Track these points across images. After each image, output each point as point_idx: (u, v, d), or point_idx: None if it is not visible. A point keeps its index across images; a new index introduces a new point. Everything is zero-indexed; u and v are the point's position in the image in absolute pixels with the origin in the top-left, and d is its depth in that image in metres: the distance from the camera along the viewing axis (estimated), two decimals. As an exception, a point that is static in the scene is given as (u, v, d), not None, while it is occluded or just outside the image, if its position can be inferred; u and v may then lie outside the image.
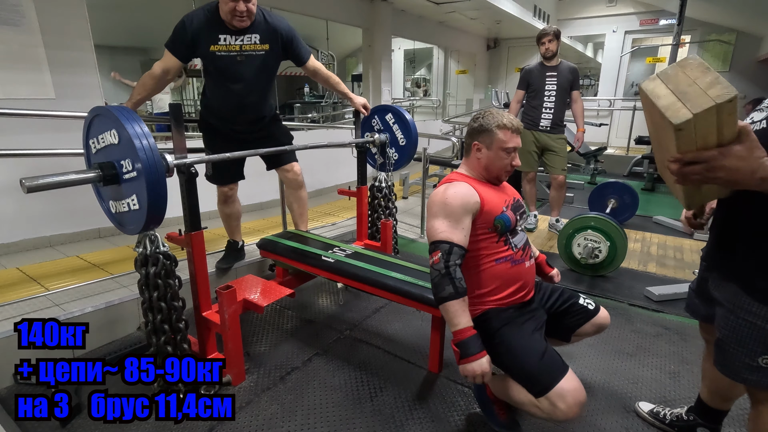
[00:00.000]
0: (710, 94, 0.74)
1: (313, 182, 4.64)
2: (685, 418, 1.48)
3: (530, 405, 1.28)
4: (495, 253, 1.39)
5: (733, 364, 1.06)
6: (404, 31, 7.35)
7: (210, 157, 1.81)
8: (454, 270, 1.28)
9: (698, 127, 0.76)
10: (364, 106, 2.46)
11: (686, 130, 0.77)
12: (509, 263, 1.40)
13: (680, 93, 0.77)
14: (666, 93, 0.78)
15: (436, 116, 9.64)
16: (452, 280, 1.27)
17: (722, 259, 1.08)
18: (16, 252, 2.71)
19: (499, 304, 1.40)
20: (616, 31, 8.66)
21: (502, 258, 1.40)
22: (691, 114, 0.75)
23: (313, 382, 1.80)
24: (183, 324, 1.64)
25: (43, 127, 2.65)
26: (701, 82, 0.76)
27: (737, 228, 1.03)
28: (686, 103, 0.76)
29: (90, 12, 2.82)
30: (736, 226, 1.03)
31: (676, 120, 0.76)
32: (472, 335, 1.26)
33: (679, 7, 4.52)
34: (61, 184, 1.32)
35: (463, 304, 1.28)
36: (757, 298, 0.99)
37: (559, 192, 3.61)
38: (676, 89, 0.77)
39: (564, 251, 2.93)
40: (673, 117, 0.76)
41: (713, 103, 0.74)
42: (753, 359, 1.02)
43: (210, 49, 2.01)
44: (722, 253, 1.08)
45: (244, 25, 1.98)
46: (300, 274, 2.22)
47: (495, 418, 1.51)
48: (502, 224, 1.37)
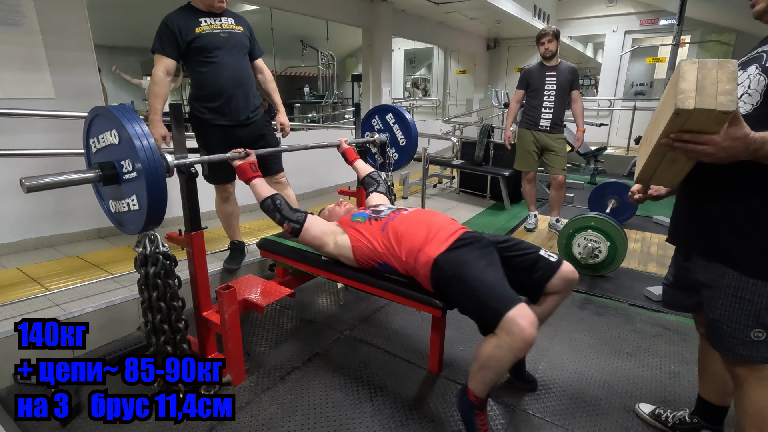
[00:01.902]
0: (719, 99, 0.82)
1: (313, 182, 4.65)
2: (688, 421, 1.47)
3: (493, 352, 1.30)
4: (378, 226, 1.72)
5: (727, 340, 1.10)
6: (404, 31, 7.35)
7: (210, 157, 1.81)
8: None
9: (692, 117, 0.86)
10: (282, 124, 2.52)
11: (681, 116, 0.87)
12: (395, 221, 1.69)
13: (701, 85, 0.84)
14: (692, 79, 0.85)
15: (436, 116, 9.65)
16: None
17: (701, 241, 1.11)
18: (16, 252, 2.71)
19: (437, 251, 1.53)
20: (616, 31, 8.67)
21: (383, 224, 1.71)
22: (691, 106, 0.84)
23: (313, 382, 1.80)
24: (183, 324, 1.64)
25: (43, 127, 2.65)
26: (723, 86, 0.83)
27: (710, 209, 1.08)
28: (698, 95, 0.84)
29: (90, 12, 2.82)
30: (709, 208, 1.09)
31: (680, 105, 0.84)
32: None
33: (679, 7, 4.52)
34: (61, 184, 1.32)
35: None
36: (740, 270, 1.04)
37: (559, 192, 3.61)
38: (701, 80, 0.84)
39: (564, 251, 2.93)
40: (680, 102, 0.85)
41: (714, 108, 0.83)
42: (746, 334, 1.06)
43: (195, 31, 2.14)
44: (700, 235, 1.12)
45: (223, 6, 2.21)
46: (300, 274, 2.23)
47: (475, 429, 1.45)
48: (360, 218, 1.80)
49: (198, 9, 2.19)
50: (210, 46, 2.17)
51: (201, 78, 2.21)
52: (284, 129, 2.54)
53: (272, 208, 1.75)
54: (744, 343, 1.06)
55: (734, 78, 0.83)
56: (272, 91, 2.54)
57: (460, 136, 6.08)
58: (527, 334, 1.23)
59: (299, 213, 1.78)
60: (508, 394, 1.73)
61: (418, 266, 1.57)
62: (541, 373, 1.86)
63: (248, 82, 2.34)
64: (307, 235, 1.78)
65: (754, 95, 0.99)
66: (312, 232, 1.77)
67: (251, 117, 2.35)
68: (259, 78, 2.48)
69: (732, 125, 0.87)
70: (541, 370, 1.89)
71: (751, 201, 1.01)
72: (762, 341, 1.05)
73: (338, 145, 2.32)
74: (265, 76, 2.51)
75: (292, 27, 9.20)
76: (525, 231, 3.80)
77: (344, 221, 1.85)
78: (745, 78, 1.03)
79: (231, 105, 2.25)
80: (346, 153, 2.31)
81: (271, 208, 1.75)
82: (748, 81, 1.02)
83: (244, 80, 2.30)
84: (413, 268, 1.60)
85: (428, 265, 1.53)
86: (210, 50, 2.17)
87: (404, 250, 1.61)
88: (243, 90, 2.29)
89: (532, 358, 1.96)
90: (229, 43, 2.23)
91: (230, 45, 2.23)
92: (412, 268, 1.61)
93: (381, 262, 1.71)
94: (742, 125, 0.88)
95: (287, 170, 2.61)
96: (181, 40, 2.12)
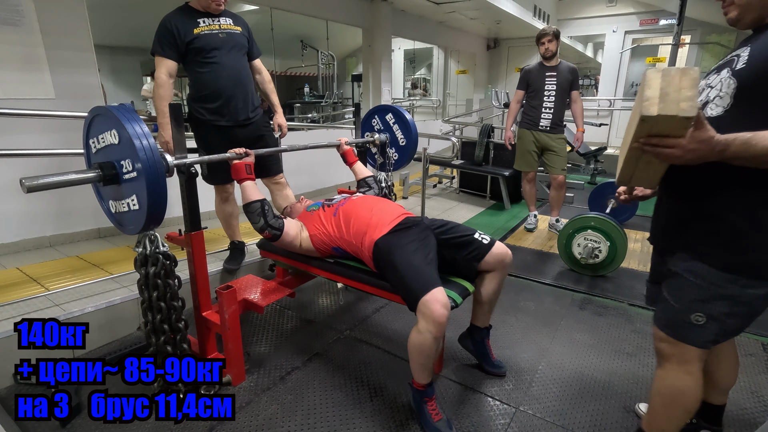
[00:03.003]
0: (681, 105, 0.87)
1: (313, 182, 4.65)
2: (690, 421, 1.47)
3: (416, 337, 1.42)
4: (331, 211, 1.85)
5: (669, 317, 1.17)
6: (404, 31, 7.35)
7: (210, 157, 1.81)
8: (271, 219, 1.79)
9: (658, 122, 0.90)
10: (280, 125, 2.54)
11: (647, 122, 0.91)
12: (345, 205, 1.83)
13: (664, 92, 0.88)
14: (656, 86, 0.89)
15: (436, 116, 9.65)
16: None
17: (675, 236, 1.17)
18: (16, 252, 2.71)
19: (380, 234, 1.66)
20: (616, 31, 8.66)
21: (335, 209, 1.84)
22: (655, 113, 0.88)
23: (313, 382, 1.80)
24: (183, 324, 1.64)
25: (43, 127, 2.65)
26: (685, 92, 0.87)
27: (682, 206, 1.14)
28: (661, 102, 0.88)
29: (90, 12, 2.82)
30: (681, 206, 1.15)
31: (645, 112, 0.89)
32: None
33: (679, 7, 4.52)
34: (61, 184, 1.32)
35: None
36: (705, 260, 1.09)
37: (559, 192, 3.61)
38: (665, 87, 0.88)
39: (564, 251, 2.93)
40: (645, 109, 0.89)
41: (676, 114, 0.87)
42: (688, 315, 1.12)
43: (194, 31, 2.14)
44: (674, 231, 1.17)
45: (220, 8, 2.21)
46: (300, 274, 2.22)
47: (428, 419, 1.52)
48: (315, 206, 1.97)
49: (196, 9, 2.18)
50: (208, 46, 2.17)
51: (200, 78, 2.21)
52: (282, 130, 2.55)
53: (259, 212, 1.75)
54: (683, 324, 1.13)
55: (695, 85, 0.86)
56: (270, 92, 2.54)
57: (460, 136, 6.07)
58: (437, 314, 1.36)
59: (279, 220, 1.81)
60: (508, 395, 1.73)
61: (363, 248, 1.69)
62: (541, 373, 1.86)
63: (247, 82, 2.34)
64: (285, 240, 1.81)
65: (725, 98, 1.03)
66: (288, 237, 1.82)
67: (251, 117, 2.35)
68: (257, 78, 2.49)
69: (697, 129, 0.91)
70: (541, 370, 1.89)
71: (718, 198, 1.06)
72: (700, 326, 1.11)
73: (338, 145, 2.32)
74: (263, 76, 2.51)
75: (292, 27, 9.20)
76: (525, 231, 3.80)
77: (303, 215, 1.97)
78: (717, 81, 1.06)
79: (230, 105, 2.25)
80: (346, 155, 2.31)
81: (258, 211, 1.75)
82: (720, 84, 1.05)
83: (243, 80, 2.30)
84: (360, 250, 1.71)
85: (371, 248, 1.65)
86: (209, 51, 2.17)
87: (352, 233, 1.73)
88: (242, 90, 2.29)
89: (532, 358, 1.96)
90: (227, 43, 2.22)
91: (229, 45, 2.23)
92: (359, 250, 1.72)
93: (335, 246, 1.81)
94: (706, 128, 0.92)
95: (287, 170, 2.61)
96: (180, 40, 2.12)
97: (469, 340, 1.87)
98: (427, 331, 1.39)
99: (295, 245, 1.85)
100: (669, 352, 1.19)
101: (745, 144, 0.92)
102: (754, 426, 1.57)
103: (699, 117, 0.89)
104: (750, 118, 0.98)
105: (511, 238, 3.65)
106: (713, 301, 1.09)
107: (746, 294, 1.06)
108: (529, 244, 3.50)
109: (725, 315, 1.09)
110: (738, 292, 1.06)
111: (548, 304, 2.51)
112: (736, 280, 1.05)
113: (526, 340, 2.12)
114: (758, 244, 1.03)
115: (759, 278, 1.05)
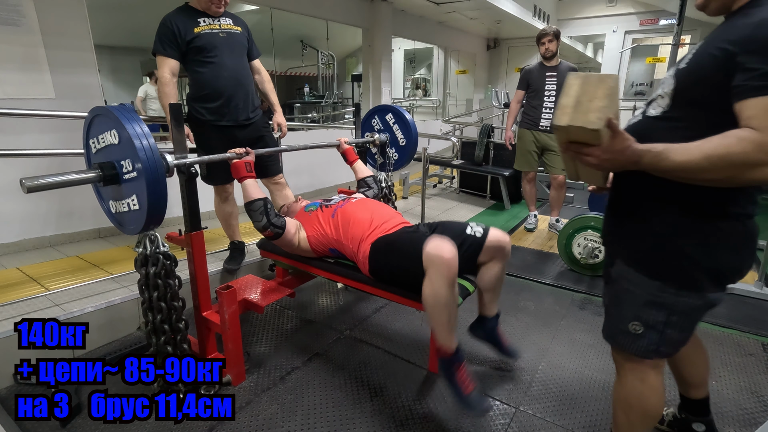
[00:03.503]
0: (589, 116, 0.86)
1: (313, 182, 4.65)
2: (679, 416, 1.50)
3: (430, 290, 1.42)
4: (329, 212, 1.86)
5: (610, 327, 1.16)
6: (404, 31, 7.35)
7: (210, 157, 1.81)
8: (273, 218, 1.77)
9: (570, 132, 0.90)
10: (279, 124, 2.55)
11: (561, 131, 0.91)
12: (344, 207, 1.84)
13: (578, 101, 0.88)
14: (573, 94, 0.89)
15: (436, 116, 9.65)
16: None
17: (614, 241, 1.17)
18: (16, 252, 2.71)
19: (377, 235, 1.70)
20: (616, 31, 8.67)
21: (333, 211, 1.85)
22: (565, 123, 0.89)
23: (313, 382, 1.80)
24: (183, 324, 1.64)
25: (43, 127, 2.65)
26: (596, 102, 0.86)
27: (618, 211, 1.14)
28: (573, 112, 0.88)
29: (90, 12, 2.82)
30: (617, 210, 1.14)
31: (555, 121, 0.90)
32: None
33: (679, 7, 4.52)
34: (61, 184, 1.32)
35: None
36: (633, 265, 1.07)
37: (559, 192, 3.61)
38: (580, 96, 0.88)
39: (564, 251, 2.93)
40: (556, 118, 0.90)
41: (580, 125, 0.87)
42: (625, 325, 1.10)
43: (195, 30, 2.15)
44: (612, 235, 1.18)
45: (220, 11, 2.23)
46: (300, 274, 2.22)
47: (459, 390, 1.45)
48: (313, 207, 1.99)
49: (196, 9, 2.19)
50: (209, 45, 2.17)
51: (200, 78, 2.21)
52: (281, 129, 2.55)
53: (262, 210, 1.75)
54: (623, 333, 1.11)
55: (609, 95, 0.86)
56: (269, 92, 2.54)
57: (460, 136, 6.08)
58: (445, 254, 1.39)
59: (281, 218, 1.81)
60: (508, 395, 1.73)
61: (359, 253, 1.71)
62: (541, 373, 1.86)
63: (248, 82, 2.35)
64: (285, 239, 1.81)
65: (665, 98, 1.00)
66: (289, 235, 1.82)
67: (251, 118, 2.35)
68: (256, 79, 2.49)
69: (614, 138, 0.89)
70: (541, 370, 1.89)
71: (645, 203, 1.04)
72: (639, 335, 1.08)
73: (338, 145, 2.33)
74: (262, 76, 2.52)
75: (292, 27, 9.20)
76: (525, 231, 3.80)
77: (300, 214, 1.99)
78: (666, 79, 1.04)
79: (231, 105, 2.25)
80: (346, 153, 2.32)
81: (261, 210, 1.75)
82: (664, 83, 1.03)
83: (243, 80, 2.30)
84: (356, 254, 1.73)
85: (367, 252, 1.68)
86: (209, 50, 2.17)
87: (350, 236, 1.75)
88: (243, 90, 2.29)
89: (532, 358, 1.96)
90: (228, 43, 2.23)
91: (229, 45, 2.23)
92: (354, 254, 1.74)
93: (332, 248, 1.83)
94: (623, 138, 0.89)
95: (287, 170, 2.62)
96: (181, 39, 2.12)
97: (481, 330, 1.85)
98: (439, 277, 1.39)
99: (294, 244, 1.85)
100: (620, 361, 1.17)
101: (656, 157, 0.89)
102: (754, 426, 1.57)
103: (613, 126, 0.86)
104: (685, 121, 0.95)
105: (511, 238, 3.63)
106: (648, 310, 1.05)
107: (681, 303, 1.02)
108: (529, 244, 3.50)
109: (663, 324, 1.05)
110: (672, 301, 1.03)
111: (548, 304, 2.51)
112: (665, 288, 1.02)
113: (526, 340, 2.12)
114: (681, 251, 0.99)
115: (690, 288, 1.01)
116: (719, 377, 1.84)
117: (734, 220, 0.97)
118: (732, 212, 0.96)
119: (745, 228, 0.99)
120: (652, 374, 1.14)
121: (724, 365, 1.92)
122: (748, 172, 0.82)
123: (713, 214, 0.97)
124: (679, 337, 1.08)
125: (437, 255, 1.39)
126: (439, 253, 1.39)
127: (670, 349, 1.10)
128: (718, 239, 0.98)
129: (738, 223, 0.98)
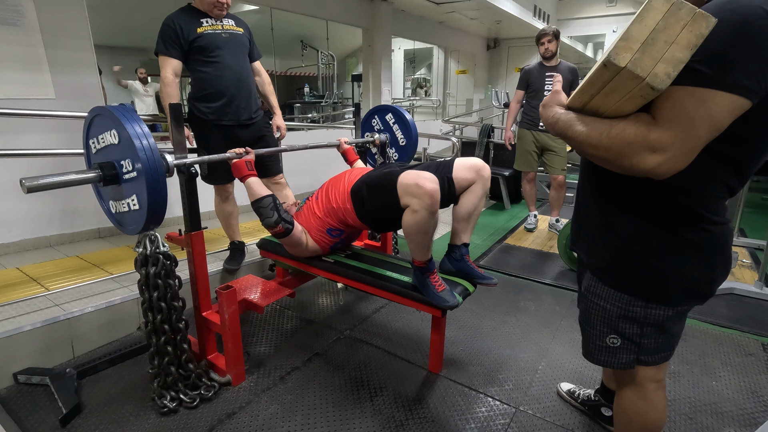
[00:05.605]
0: (660, 68, 0.65)
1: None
2: (593, 398, 1.58)
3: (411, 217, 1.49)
4: (313, 197, 1.95)
5: (588, 346, 1.12)
6: (404, 31, 7.35)
7: (210, 157, 1.81)
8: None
9: (621, 75, 0.68)
10: (278, 127, 2.57)
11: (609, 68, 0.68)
12: (323, 184, 1.96)
13: (653, 39, 0.65)
14: (650, 25, 0.65)
15: (436, 116, 9.65)
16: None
17: (580, 249, 1.12)
18: (16, 252, 2.71)
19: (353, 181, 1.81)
20: (616, 31, 8.67)
21: (316, 193, 1.95)
22: (623, 63, 0.66)
23: (313, 382, 1.80)
24: (183, 324, 1.64)
25: (43, 127, 2.65)
26: (676, 51, 0.64)
27: (584, 218, 1.08)
28: (641, 52, 0.65)
29: (90, 12, 2.82)
30: (583, 217, 1.09)
31: (612, 56, 0.67)
32: None
33: (679, 7, 4.52)
34: (61, 184, 1.32)
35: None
36: (598, 276, 1.03)
37: (559, 192, 3.61)
38: (656, 31, 0.65)
39: (564, 251, 2.93)
40: (614, 50, 0.66)
41: (639, 73, 0.65)
42: (602, 340, 1.06)
43: (197, 30, 2.16)
44: (578, 244, 1.13)
45: (222, 14, 2.24)
46: (300, 274, 2.22)
47: (432, 291, 1.59)
48: (302, 202, 2.05)
49: (198, 9, 2.20)
50: (212, 45, 2.18)
51: (202, 78, 2.21)
52: (280, 131, 2.56)
53: (272, 206, 1.77)
54: (602, 349, 1.07)
55: (695, 44, 0.64)
56: (269, 94, 2.56)
57: (460, 136, 6.08)
58: (427, 186, 1.44)
59: (289, 214, 1.85)
60: (508, 395, 1.73)
61: (346, 205, 1.78)
62: (541, 373, 1.86)
63: (250, 82, 2.36)
64: (294, 236, 1.84)
65: None
66: (297, 232, 1.85)
67: (253, 117, 2.36)
68: (256, 80, 2.49)
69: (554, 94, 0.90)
70: (541, 370, 1.89)
71: (609, 210, 0.97)
72: (618, 347, 1.04)
73: (338, 145, 2.33)
74: (262, 78, 2.53)
75: (292, 27, 9.20)
76: (525, 231, 3.80)
77: (296, 214, 2.00)
78: None
79: (233, 105, 2.26)
80: (347, 153, 2.32)
81: (271, 206, 1.77)
82: None
83: (245, 80, 2.31)
84: (344, 209, 1.79)
85: (349, 191, 1.77)
86: (212, 50, 2.18)
87: (333, 197, 1.83)
88: (245, 90, 2.30)
89: (532, 358, 1.96)
90: (230, 43, 2.24)
91: (232, 45, 2.24)
92: (344, 211, 1.79)
93: (330, 228, 1.88)
94: (559, 96, 0.91)
95: (287, 170, 2.62)
96: (183, 39, 2.13)
97: (449, 260, 1.82)
98: (421, 208, 1.45)
99: (303, 242, 1.88)
100: (620, 377, 1.15)
101: (565, 124, 0.87)
102: (754, 426, 1.57)
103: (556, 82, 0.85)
104: None
105: (511, 238, 3.65)
106: (622, 323, 1.01)
107: (652, 315, 0.97)
108: (529, 244, 3.50)
109: (638, 336, 1.01)
110: (643, 314, 0.97)
111: (548, 304, 2.51)
112: (634, 301, 0.97)
113: (526, 340, 2.12)
114: (644, 263, 0.93)
115: (659, 302, 0.96)
116: (719, 377, 1.84)
117: (701, 229, 0.89)
118: (699, 219, 0.88)
119: (713, 236, 0.90)
120: (653, 390, 1.10)
121: (724, 365, 1.92)
122: (626, 158, 0.76)
123: (678, 221, 0.89)
124: (659, 345, 1.02)
125: (416, 185, 1.45)
126: (422, 186, 1.44)
127: (655, 358, 1.04)
128: (683, 250, 0.90)
129: (705, 232, 0.89)
